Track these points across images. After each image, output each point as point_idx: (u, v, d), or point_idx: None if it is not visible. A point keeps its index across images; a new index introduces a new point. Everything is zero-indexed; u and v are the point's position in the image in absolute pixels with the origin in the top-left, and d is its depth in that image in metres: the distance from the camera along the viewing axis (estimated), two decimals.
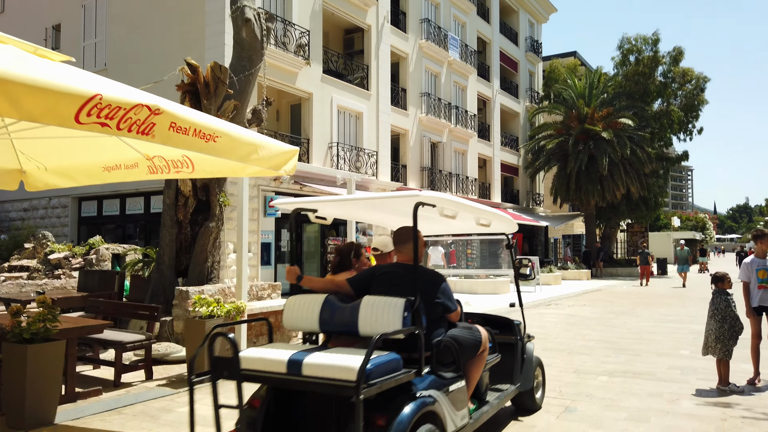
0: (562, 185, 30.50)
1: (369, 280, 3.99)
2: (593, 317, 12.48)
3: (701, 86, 32.11)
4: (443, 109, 25.20)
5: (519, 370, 4.99)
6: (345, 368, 2.91)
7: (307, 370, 3.04)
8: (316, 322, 3.77)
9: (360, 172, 19.28)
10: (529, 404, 5.16)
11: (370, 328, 3.46)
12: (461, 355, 3.85)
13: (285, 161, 4.98)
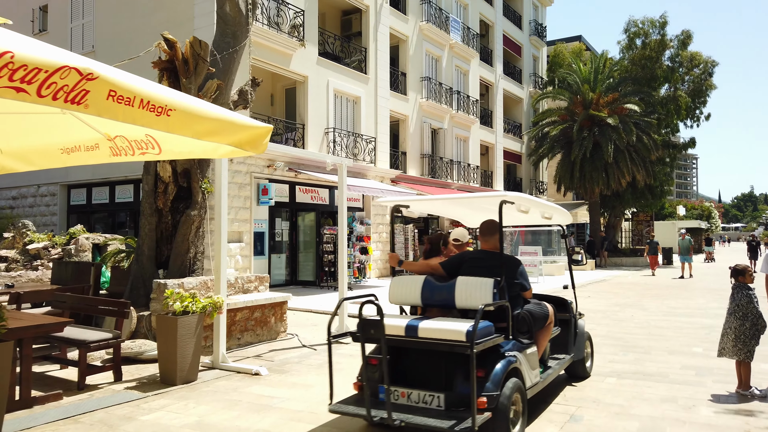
0: (566, 173, 29.84)
1: (459, 264, 4.91)
2: (598, 310, 11.94)
3: (709, 71, 31.27)
4: (444, 94, 24.52)
5: (573, 342, 5.87)
6: (457, 331, 3.90)
7: (422, 333, 4.06)
8: (418, 297, 4.77)
9: (357, 159, 18.69)
10: (580, 372, 6.06)
11: (465, 302, 4.43)
12: (533, 325, 4.77)
13: (255, 140, 4.40)
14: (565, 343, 5.81)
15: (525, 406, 4.28)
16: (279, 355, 7.59)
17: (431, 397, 4.10)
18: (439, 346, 4.00)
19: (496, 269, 4.57)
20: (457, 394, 4.03)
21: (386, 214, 20.29)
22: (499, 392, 3.94)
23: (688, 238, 21.82)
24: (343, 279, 8.81)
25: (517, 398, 4.18)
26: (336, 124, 18.05)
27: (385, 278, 19.55)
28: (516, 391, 4.13)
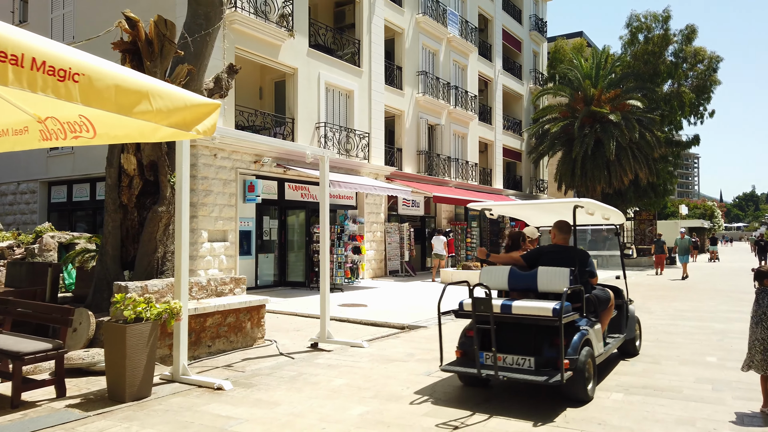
0: (566, 170, 29.12)
1: (537, 256, 6.08)
2: None
3: (714, 66, 30.56)
4: (442, 90, 23.82)
5: (625, 323, 6.87)
6: (545, 308, 5.00)
7: (515, 311, 5.16)
8: (506, 283, 5.81)
9: (350, 155, 17.99)
10: (631, 350, 7.12)
11: (546, 287, 5.52)
12: (598, 306, 5.83)
13: (196, 118, 3.71)
14: (619, 324, 6.80)
15: (595, 369, 5.40)
16: (251, 365, 6.91)
17: (523, 360, 5.20)
18: (530, 320, 5.15)
19: (570, 260, 5.75)
20: (544, 358, 5.17)
21: (381, 212, 19.60)
22: (577, 356, 5.04)
23: (687, 238, 20.93)
24: (325, 279, 8.11)
25: (589, 362, 5.27)
26: (328, 119, 17.36)
27: (379, 279, 18.86)
28: (589, 356, 5.25)
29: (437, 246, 19.38)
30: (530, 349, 5.30)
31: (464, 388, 5.74)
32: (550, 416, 4.81)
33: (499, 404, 5.18)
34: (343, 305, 12.18)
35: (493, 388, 5.73)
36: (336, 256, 15.00)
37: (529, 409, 5.02)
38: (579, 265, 5.72)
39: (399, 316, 10.58)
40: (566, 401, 5.16)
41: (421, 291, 15.38)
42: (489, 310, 5.04)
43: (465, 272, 17.43)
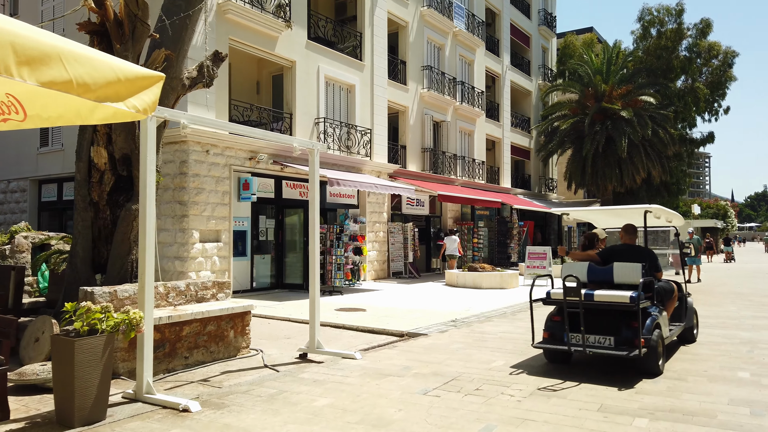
0: (576, 169, 28.34)
1: (610, 254, 7.03)
2: None
3: (729, 62, 29.66)
4: (447, 85, 23.09)
5: (684, 313, 7.72)
6: (623, 296, 6.06)
7: (597, 298, 6.22)
8: (585, 276, 6.72)
9: (352, 152, 17.31)
10: (689, 337, 7.99)
11: (621, 279, 6.55)
12: (665, 296, 6.93)
13: (131, 92, 3.03)
14: (679, 314, 7.64)
15: (664, 348, 6.39)
16: (230, 379, 6.24)
17: (604, 339, 6.21)
18: (610, 306, 6.14)
19: (640, 257, 6.78)
20: (622, 337, 6.11)
21: (383, 212, 18.90)
22: (651, 336, 6.02)
23: (696, 238, 19.66)
24: (314, 283, 7.42)
25: (660, 342, 6.19)
26: (327, 114, 16.69)
27: (382, 281, 18.16)
28: (659, 337, 6.20)
29: (451, 246, 19.49)
30: (609, 330, 6.28)
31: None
32: (628, 385, 5.83)
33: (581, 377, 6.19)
34: (341, 309, 11.49)
35: (571, 365, 6.79)
36: (335, 257, 14.32)
37: (609, 381, 6.02)
38: (648, 261, 6.74)
39: (399, 323, 9.88)
40: (639, 374, 6.19)
41: (425, 294, 14.67)
42: (579, 297, 6.08)
43: (471, 274, 16.71)
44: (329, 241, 14.39)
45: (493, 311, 11.50)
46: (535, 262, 17.94)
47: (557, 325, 6.56)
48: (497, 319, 10.52)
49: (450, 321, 10.14)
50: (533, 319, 6.93)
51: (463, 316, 10.69)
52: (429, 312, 11.28)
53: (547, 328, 6.72)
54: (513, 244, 26.09)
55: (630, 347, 5.99)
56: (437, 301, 13.10)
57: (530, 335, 7.13)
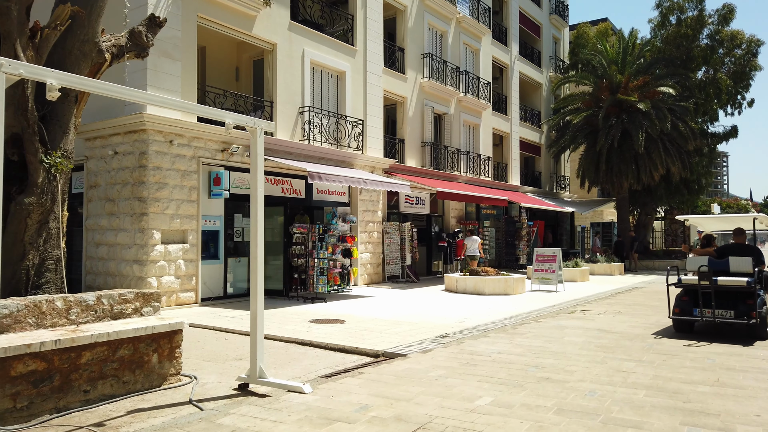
0: (590, 165, 26.60)
1: (724, 251, 9.29)
2: (635, 335, 8.90)
3: (753, 51, 27.72)
4: (450, 75, 21.55)
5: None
6: (741, 281, 8.37)
7: (720, 282, 8.39)
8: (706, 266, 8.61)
9: (341, 145, 15.85)
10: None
11: (735, 269, 8.73)
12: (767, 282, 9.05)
13: None
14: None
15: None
16: (134, 423, 4.81)
17: (726, 312, 8.50)
18: (732, 288, 8.48)
19: (749, 253, 9.06)
20: (740, 311, 8.41)
21: (378, 210, 17.41)
22: (761, 310, 8.37)
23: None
24: (257, 295, 5.95)
25: (766, 315, 8.55)
26: (314, 103, 15.25)
27: (375, 286, 16.68)
28: (766, 312, 8.55)
29: (471, 246, 19.09)
30: (729, 306, 8.51)
31: None
32: (747, 344, 8.09)
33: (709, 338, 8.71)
34: (316, 321, 10.03)
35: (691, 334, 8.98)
36: (317, 260, 12.86)
37: (730, 342, 8.26)
38: (755, 256, 8.92)
39: (377, 339, 8.40)
40: (751, 339, 8.45)
41: (419, 301, 13.16)
42: (710, 281, 8.40)
43: (472, 279, 15.18)
44: (311, 243, 12.93)
45: (491, 323, 9.96)
46: (544, 265, 16.35)
47: (686, 303, 8.89)
48: (495, 333, 8.98)
49: (439, 336, 8.63)
50: (669, 297, 9.59)
51: (455, 330, 9.18)
52: (417, 324, 9.77)
53: (677, 305, 8.99)
54: (522, 245, 24.47)
55: (748, 318, 8.32)
56: (431, 310, 11.59)
57: (527, 358, 7.08)
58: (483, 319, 10.48)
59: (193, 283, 11.76)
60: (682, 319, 8.83)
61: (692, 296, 8.79)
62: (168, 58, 11.48)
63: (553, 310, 11.85)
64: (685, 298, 8.92)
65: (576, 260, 20.26)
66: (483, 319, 10.40)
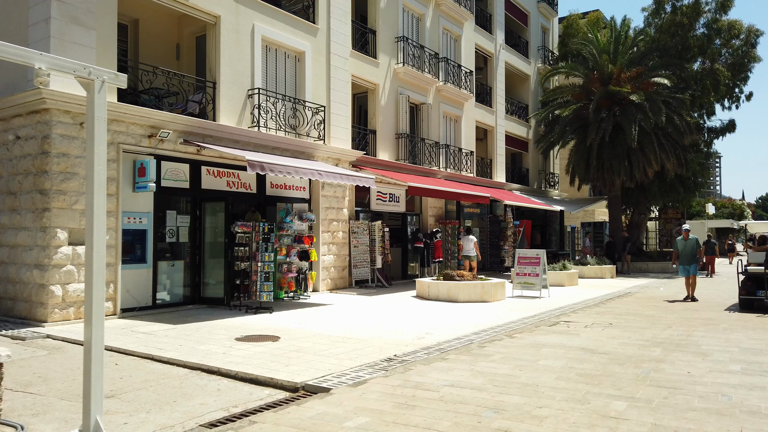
0: (580, 162, 25.00)
1: None
2: (627, 356, 7.22)
3: (752, 41, 26.23)
4: (429, 62, 19.88)
5: None
6: None
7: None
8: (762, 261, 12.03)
9: (299, 134, 14.13)
10: None
11: None
12: None
13: None
14: None
15: None
16: None
17: None
18: None
19: None
20: None
21: (344, 207, 15.70)
22: None
23: (694, 239, 14.13)
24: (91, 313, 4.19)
25: None
26: (267, 85, 13.52)
27: (340, 292, 14.98)
28: None
29: (467, 246, 18.25)
30: None
31: None
32: None
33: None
34: (244, 339, 8.30)
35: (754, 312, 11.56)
36: (261, 264, 11.11)
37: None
38: None
39: (306, 363, 6.69)
40: None
41: (382, 311, 11.46)
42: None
43: (446, 284, 13.50)
44: (255, 243, 11.19)
45: (455, 340, 8.27)
46: (527, 268, 14.69)
47: (750, 287, 11.99)
48: (455, 355, 7.28)
49: (384, 360, 6.93)
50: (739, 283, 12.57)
51: (408, 350, 7.48)
52: (365, 342, 8.08)
53: (743, 288, 12.14)
54: (507, 246, 22.80)
55: None
56: (390, 322, 9.89)
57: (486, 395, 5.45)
58: (447, 334, 8.79)
59: (111, 291, 10.00)
60: (748, 298, 12.00)
61: (755, 281, 12.04)
62: (78, 26, 9.72)
63: (532, 322, 10.17)
64: (749, 283, 12.12)
65: (564, 262, 18.62)
66: (447, 335, 8.70)
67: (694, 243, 13.98)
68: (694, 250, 13.88)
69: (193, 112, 11.98)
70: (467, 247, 18.45)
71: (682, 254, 13.94)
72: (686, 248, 13.94)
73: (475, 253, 18.45)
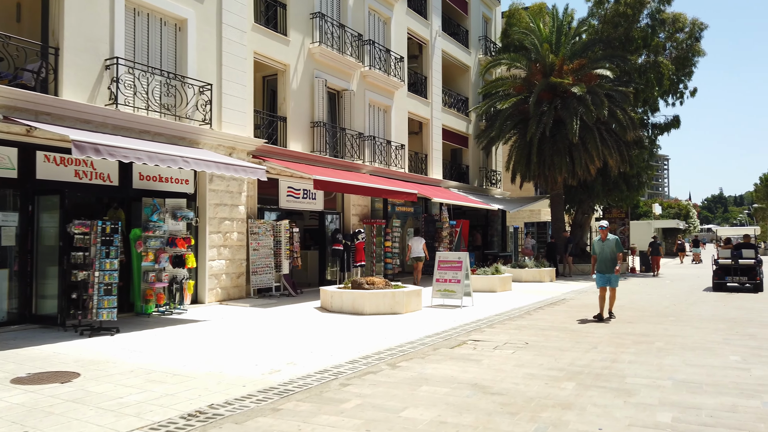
0: (521, 158, 23.55)
1: (738, 246, 17.47)
2: (526, 397, 5.39)
3: (696, 35, 25.35)
4: (351, 43, 17.91)
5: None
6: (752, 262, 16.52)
7: (741, 262, 16.54)
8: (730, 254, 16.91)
9: (180, 117, 11.91)
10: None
11: (745, 256, 16.76)
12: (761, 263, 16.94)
13: None
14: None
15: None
16: None
17: (743, 279, 16.26)
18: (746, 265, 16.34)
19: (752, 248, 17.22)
20: (751, 278, 16.17)
21: (240, 204, 13.54)
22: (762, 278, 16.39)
23: (614, 239, 10.88)
24: None
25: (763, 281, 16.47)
26: (135, 56, 11.27)
27: (233, 302, 12.82)
28: (762, 279, 16.39)
29: (416, 247, 17.21)
30: (744, 275, 16.15)
31: None
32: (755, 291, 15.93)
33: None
34: (26, 379, 6.11)
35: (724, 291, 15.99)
36: (100, 273, 8.86)
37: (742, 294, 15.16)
38: (755, 249, 16.97)
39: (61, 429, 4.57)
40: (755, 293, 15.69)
41: (270, 328, 9.40)
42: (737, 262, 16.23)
43: (351, 294, 11.53)
44: (94, 248, 8.94)
45: (317, 374, 6.30)
46: (447, 273, 12.88)
47: (720, 274, 16.48)
48: (296, 402, 5.29)
49: (182, 417, 4.88)
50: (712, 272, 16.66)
51: (239, 394, 5.48)
52: (193, 380, 6.02)
53: (714, 276, 16.63)
54: (442, 247, 21.04)
55: (754, 282, 15.98)
56: (256, 347, 7.86)
57: None
58: (314, 364, 6.80)
59: None
60: (719, 282, 16.54)
61: (724, 270, 16.58)
62: None
63: (434, 342, 8.30)
64: (719, 272, 16.65)
65: (496, 265, 16.94)
66: (313, 366, 6.72)
67: (613, 245, 10.78)
68: (613, 253, 10.74)
69: (27, 84, 9.62)
70: (416, 248, 17.26)
71: (599, 259, 10.86)
72: (604, 251, 10.81)
73: (424, 254, 17.11)
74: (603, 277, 10.79)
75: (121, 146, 8.70)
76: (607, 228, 11.04)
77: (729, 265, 16.51)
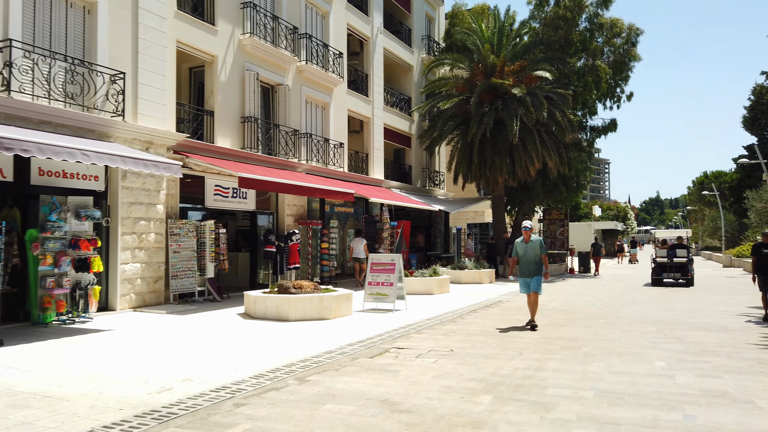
0: (462, 158, 23.37)
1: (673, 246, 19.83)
2: (436, 415, 4.92)
3: (632, 40, 25.92)
4: (286, 36, 17.17)
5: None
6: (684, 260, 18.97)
7: (676, 260, 19.02)
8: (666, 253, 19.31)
9: (88, 107, 10.90)
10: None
11: (679, 255, 19.10)
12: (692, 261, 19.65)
13: None
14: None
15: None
16: None
17: (677, 275, 18.75)
18: (680, 263, 18.75)
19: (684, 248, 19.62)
20: (684, 274, 18.71)
21: (158, 203, 12.60)
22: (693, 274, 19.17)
23: (537, 240, 10.15)
24: None
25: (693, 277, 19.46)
26: (30, 38, 10.20)
27: (149, 309, 11.87)
28: (693, 275, 19.39)
29: (357, 248, 17.44)
30: (678, 271, 18.64)
31: None
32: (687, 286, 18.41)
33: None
34: None
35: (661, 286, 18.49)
36: None
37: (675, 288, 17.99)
38: (687, 249, 19.43)
39: None
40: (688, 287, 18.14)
41: (180, 337, 8.60)
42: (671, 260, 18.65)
43: (276, 299, 10.83)
44: None
45: (213, 392, 5.63)
46: (380, 276, 12.37)
47: (657, 271, 18.89)
48: (174, 429, 4.60)
49: None
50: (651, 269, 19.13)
51: (109, 420, 4.73)
52: (63, 404, 5.25)
53: (653, 273, 19.03)
54: (383, 249, 20.56)
55: (686, 278, 18.57)
56: (157, 360, 7.09)
57: None
58: (214, 380, 6.12)
59: None
60: (657, 278, 18.99)
61: (661, 268, 18.96)
62: None
63: (354, 351, 7.74)
64: (657, 269, 19.01)
65: (434, 267, 16.59)
66: (212, 382, 6.04)
67: (537, 247, 9.99)
68: (537, 256, 9.93)
69: None
70: (357, 249, 17.34)
71: (522, 261, 10.09)
72: (527, 254, 10.01)
73: (365, 255, 16.84)
74: (525, 281, 10.07)
75: (6, 137, 7.73)
76: (530, 229, 10.22)
77: (665, 263, 18.93)
